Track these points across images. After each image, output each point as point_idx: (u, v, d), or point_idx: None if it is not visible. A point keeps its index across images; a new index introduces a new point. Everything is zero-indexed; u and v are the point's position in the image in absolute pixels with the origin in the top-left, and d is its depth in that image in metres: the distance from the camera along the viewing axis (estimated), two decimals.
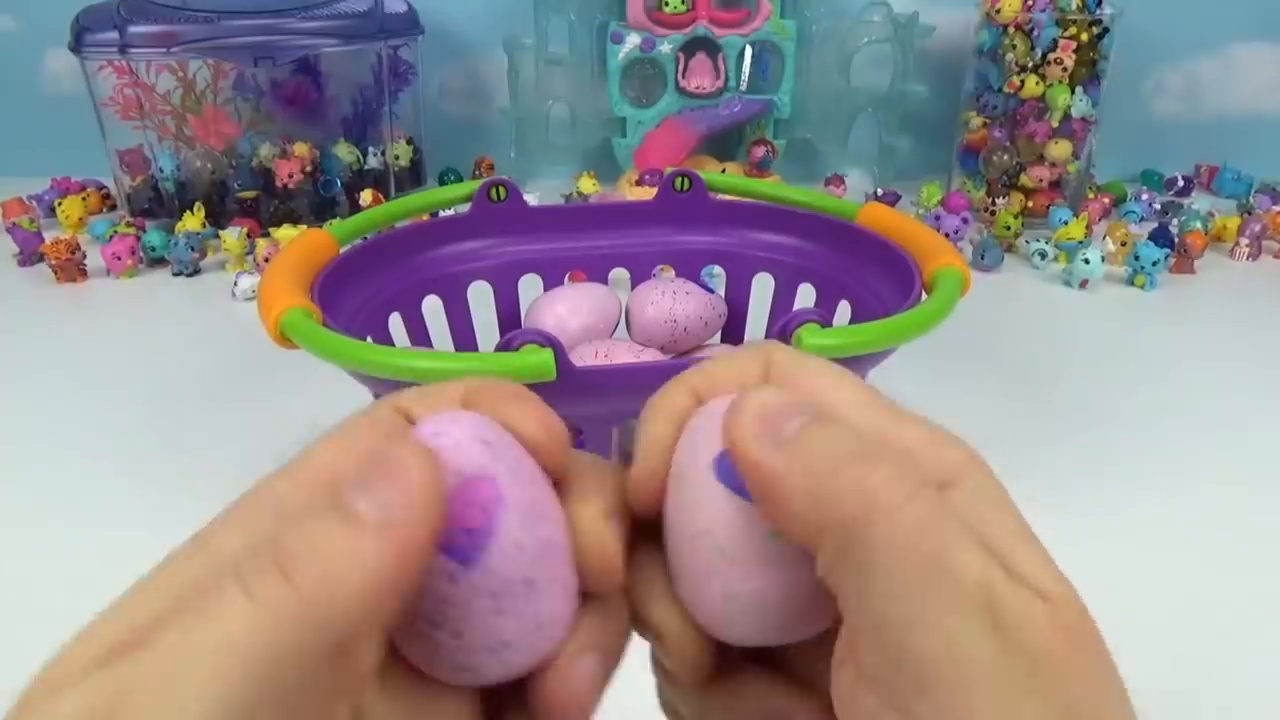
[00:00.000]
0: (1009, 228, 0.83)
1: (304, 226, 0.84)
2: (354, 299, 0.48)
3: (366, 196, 0.88)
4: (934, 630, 0.15)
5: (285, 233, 0.80)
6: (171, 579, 0.15)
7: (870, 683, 0.16)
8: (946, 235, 0.81)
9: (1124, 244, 0.80)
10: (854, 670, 0.16)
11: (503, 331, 0.56)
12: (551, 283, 0.57)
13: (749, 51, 0.95)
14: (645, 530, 0.20)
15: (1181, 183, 1.00)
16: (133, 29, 0.81)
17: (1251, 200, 0.95)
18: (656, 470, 0.19)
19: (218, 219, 0.87)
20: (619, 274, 0.58)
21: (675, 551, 0.19)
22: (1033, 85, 0.85)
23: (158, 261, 0.81)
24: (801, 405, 0.17)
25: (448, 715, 0.18)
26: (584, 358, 0.49)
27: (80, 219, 0.89)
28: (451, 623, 0.17)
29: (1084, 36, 0.84)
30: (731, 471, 0.18)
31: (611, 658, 0.19)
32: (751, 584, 0.18)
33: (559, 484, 0.19)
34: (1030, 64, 0.85)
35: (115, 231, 0.83)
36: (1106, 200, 0.93)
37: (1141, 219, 0.92)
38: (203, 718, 0.13)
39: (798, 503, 0.16)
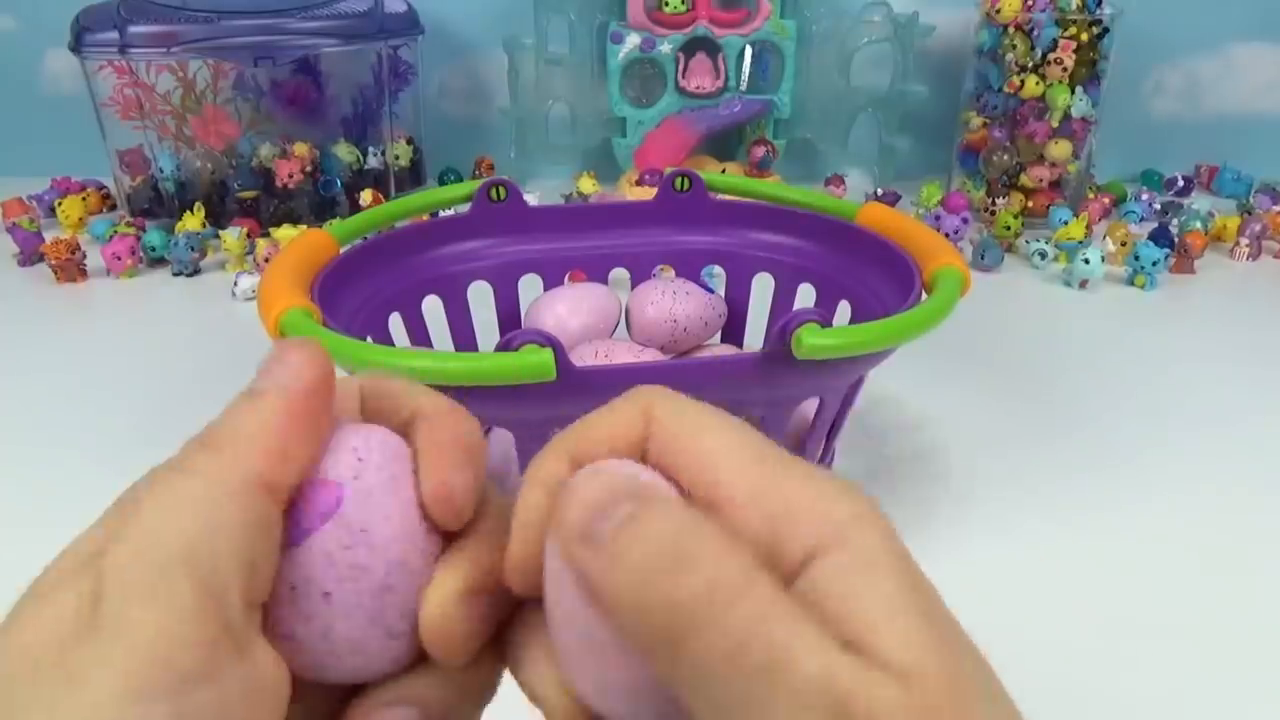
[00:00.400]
0: (1009, 228, 0.83)
1: (304, 226, 0.84)
2: (354, 299, 0.48)
3: (366, 196, 0.88)
4: None
5: (285, 233, 0.80)
6: (130, 493, 0.17)
7: None
8: (946, 235, 0.81)
9: (1124, 244, 0.80)
10: None
11: (503, 331, 0.56)
12: (551, 283, 0.57)
13: (749, 51, 0.95)
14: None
15: (1181, 183, 1.00)
16: (133, 29, 0.81)
17: (1251, 200, 0.95)
18: (531, 551, 0.18)
19: (218, 219, 0.87)
20: (619, 274, 0.58)
21: (553, 628, 0.18)
22: (1033, 85, 0.85)
23: (158, 261, 0.81)
24: (625, 495, 0.16)
25: (307, 694, 0.18)
26: (584, 358, 0.49)
27: (80, 219, 0.89)
28: (270, 601, 0.18)
29: (1084, 36, 0.84)
30: None
31: (431, 716, 0.18)
32: (621, 671, 0.17)
33: (452, 533, 0.19)
34: (1030, 64, 0.85)
35: (115, 231, 0.83)
36: (1106, 200, 0.93)
37: (1141, 219, 0.92)
38: (180, 566, 0.15)
39: (620, 613, 0.15)
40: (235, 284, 0.74)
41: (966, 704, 0.14)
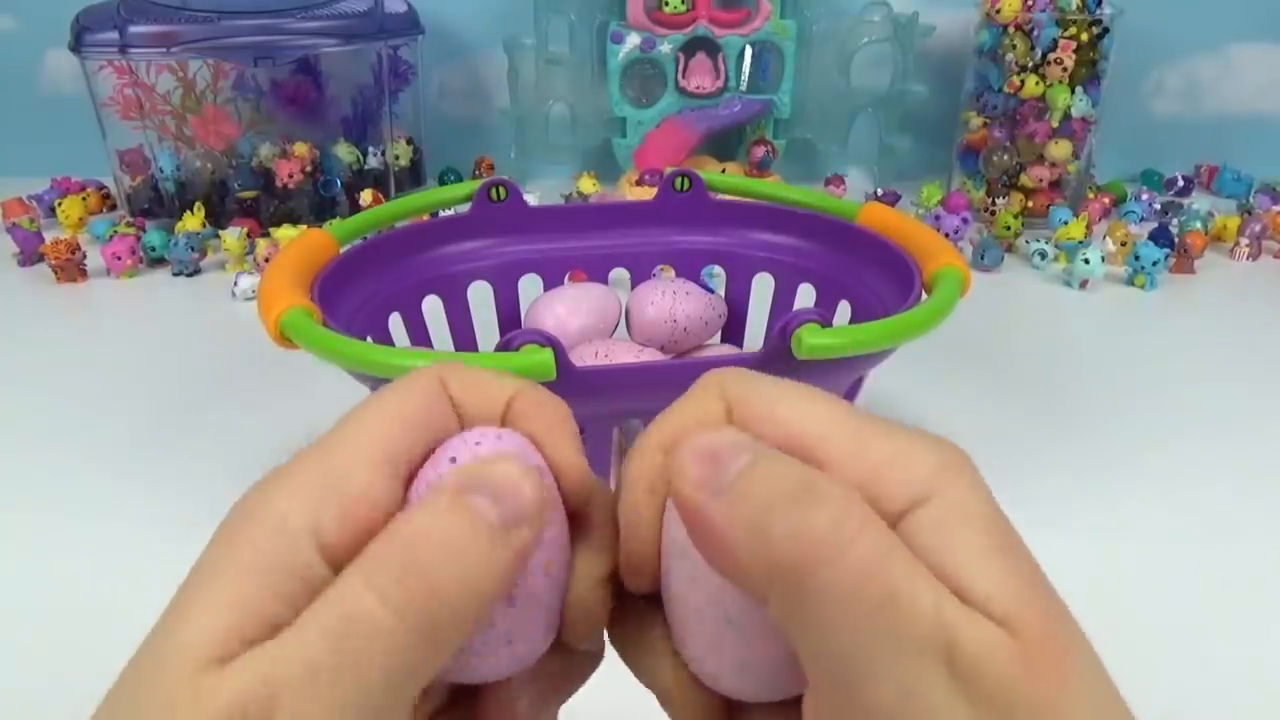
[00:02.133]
0: (1009, 228, 0.83)
1: (304, 226, 0.84)
2: (354, 299, 0.48)
3: (366, 196, 0.88)
4: (889, 680, 0.14)
5: (285, 233, 0.80)
6: (248, 557, 0.15)
7: None
8: (946, 235, 0.81)
9: (1124, 244, 0.80)
10: (814, 718, 0.16)
11: (503, 331, 0.56)
12: (551, 283, 0.57)
13: (749, 51, 0.95)
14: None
15: (1181, 183, 1.00)
16: (133, 29, 0.81)
17: (1251, 200, 0.95)
18: (645, 550, 0.19)
19: (218, 219, 0.87)
20: (619, 274, 0.58)
21: (680, 619, 0.19)
22: (1033, 85, 0.85)
23: (158, 261, 0.81)
24: (744, 444, 0.16)
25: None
26: (584, 358, 0.49)
27: (80, 219, 0.89)
28: None
29: (1084, 36, 0.84)
30: None
31: (561, 693, 0.19)
32: (759, 650, 0.18)
33: (575, 516, 0.19)
34: (1030, 64, 0.85)
35: (115, 231, 0.83)
36: (1106, 200, 0.93)
37: (1141, 219, 0.92)
38: (354, 711, 0.14)
39: (741, 555, 0.15)
40: (235, 284, 0.74)
41: (1063, 651, 0.15)
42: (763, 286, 0.57)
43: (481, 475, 0.16)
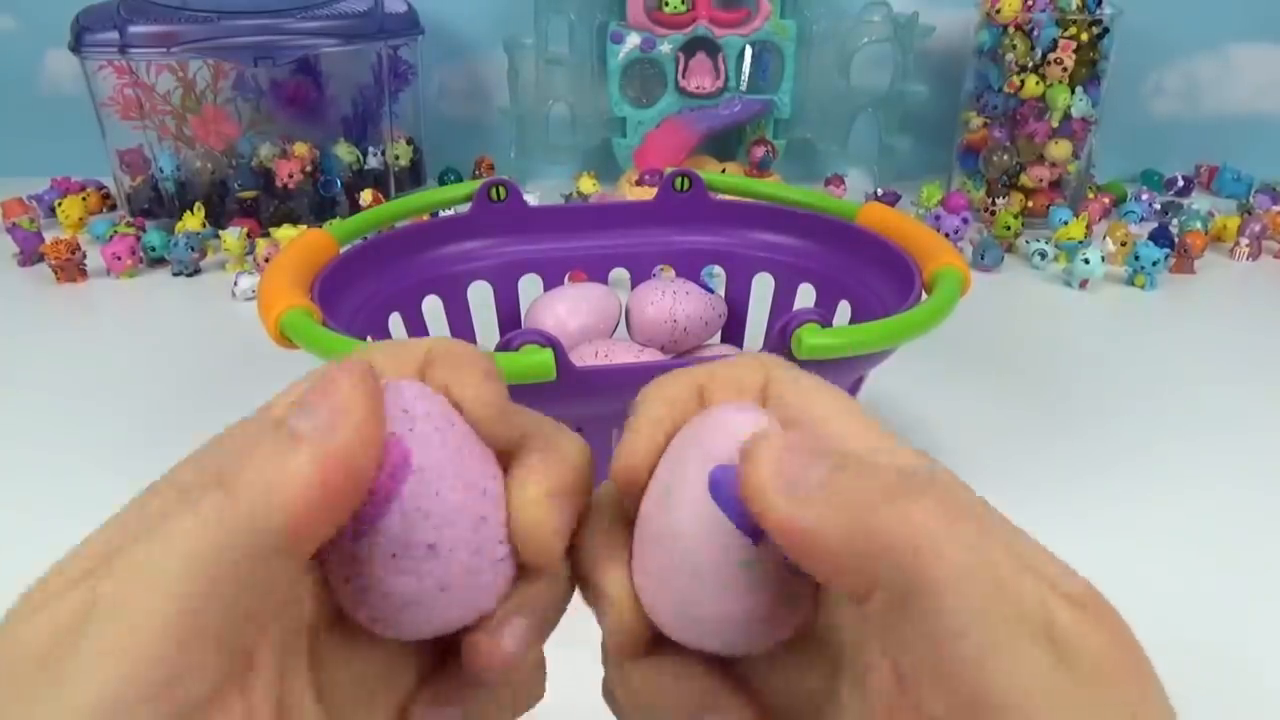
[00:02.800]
0: (1009, 228, 0.83)
1: (304, 226, 0.84)
2: (354, 299, 0.48)
3: (366, 196, 0.88)
4: (1007, 664, 0.14)
5: (285, 233, 0.80)
6: (136, 513, 0.16)
7: None
8: (946, 235, 0.81)
9: (1124, 244, 0.80)
10: None
11: (503, 331, 0.56)
12: (551, 283, 0.57)
13: (749, 51, 0.95)
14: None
15: (1181, 183, 1.00)
16: (133, 29, 0.81)
17: (1251, 200, 0.95)
18: (649, 454, 0.19)
19: (218, 219, 0.87)
20: (619, 274, 0.58)
21: (644, 547, 0.19)
22: (1033, 85, 0.85)
23: (158, 261, 0.81)
24: (818, 451, 0.17)
25: (394, 663, 0.19)
26: (584, 358, 0.49)
27: (80, 219, 0.89)
28: (358, 579, 0.18)
29: (1084, 36, 0.84)
30: (728, 495, 0.18)
31: (543, 622, 0.19)
32: (715, 607, 0.18)
33: (509, 454, 0.19)
34: (1030, 64, 0.85)
35: (115, 231, 0.83)
36: (1106, 200, 0.93)
37: (1141, 219, 0.92)
38: (162, 616, 0.14)
39: (843, 556, 0.16)
40: (235, 284, 0.74)
41: (1133, 635, 0.15)
42: (763, 286, 0.57)
43: (305, 390, 0.17)
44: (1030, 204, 0.90)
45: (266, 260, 0.77)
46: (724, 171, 0.94)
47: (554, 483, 0.19)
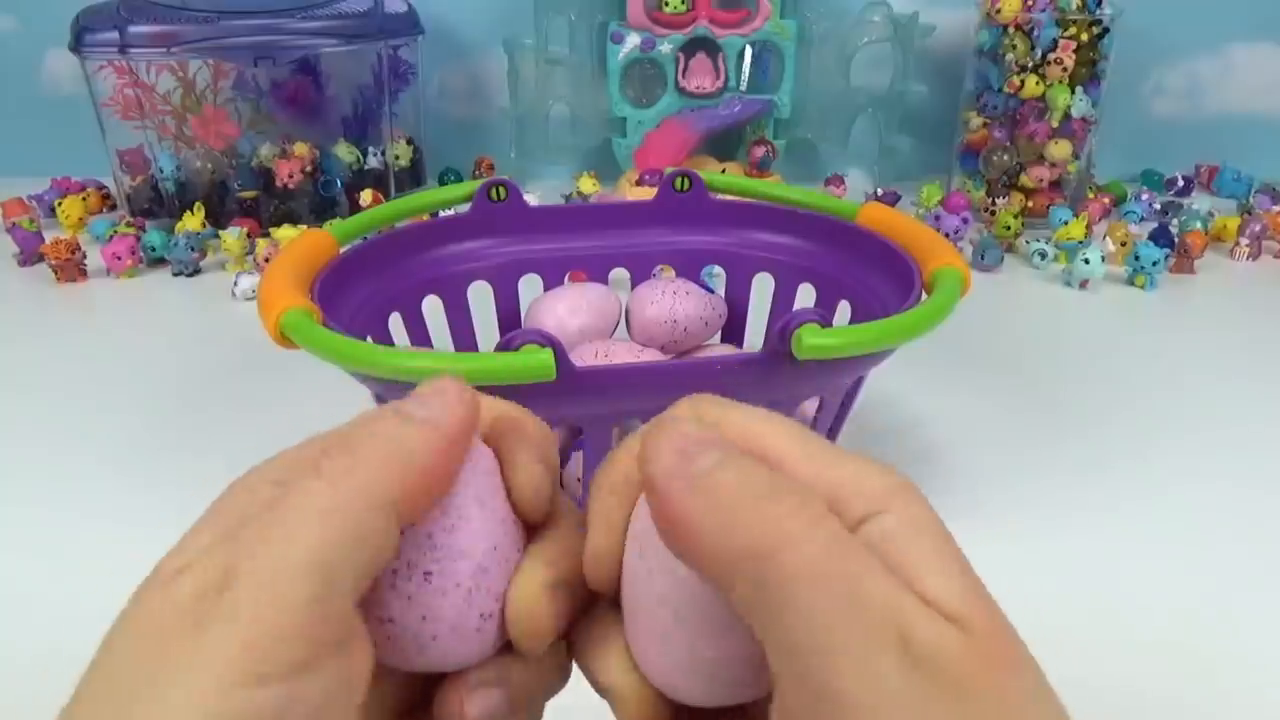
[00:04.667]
0: (1009, 228, 0.83)
1: (304, 226, 0.84)
2: (354, 299, 0.48)
3: (366, 196, 0.88)
4: (848, 663, 0.15)
5: (285, 233, 0.80)
6: (245, 495, 0.18)
7: None
8: (946, 235, 0.81)
9: (1124, 244, 0.80)
10: (780, 715, 0.16)
11: (503, 331, 0.56)
12: (551, 283, 0.57)
13: (749, 51, 0.95)
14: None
15: (1181, 183, 1.00)
16: (133, 29, 0.81)
17: (1251, 200, 0.95)
18: (610, 545, 0.20)
19: (218, 219, 0.87)
20: (619, 274, 0.58)
21: (633, 616, 0.19)
22: (1033, 85, 0.85)
23: (158, 261, 0.81)
24: (715, 442, 0.17)
25: (382, 690, 0.20)
26: (584, 358, 0.49)
27: (80, 219, 0.89)
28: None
29: (1084, 36, 0.84)
30: None
31: (518, 702, 0.20)
32: (708, 652, 0.18)
33: (535, 528, 0.21)
34: (1030, 64, 0.85)
35: (115, 231, 0.83)
36: (1106, 200, 0.93)
37: (1141, 219, 0.92)
38: (306, 570, 0.15)
39: (707, 542, 0.16)
40: (235, 284, 0.74)
41: (1012, 648, 0.15)
42: (763, 286, 0.57)
43: (417, 391, 0.19)
44: (1030, 204, 0.90)
45: (266, 260, 0.77)
46: (724, 171, 0.94)
47: (561, 574, 0.20)
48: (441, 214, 0.63)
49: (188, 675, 0.14)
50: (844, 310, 0.52)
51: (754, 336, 0.57)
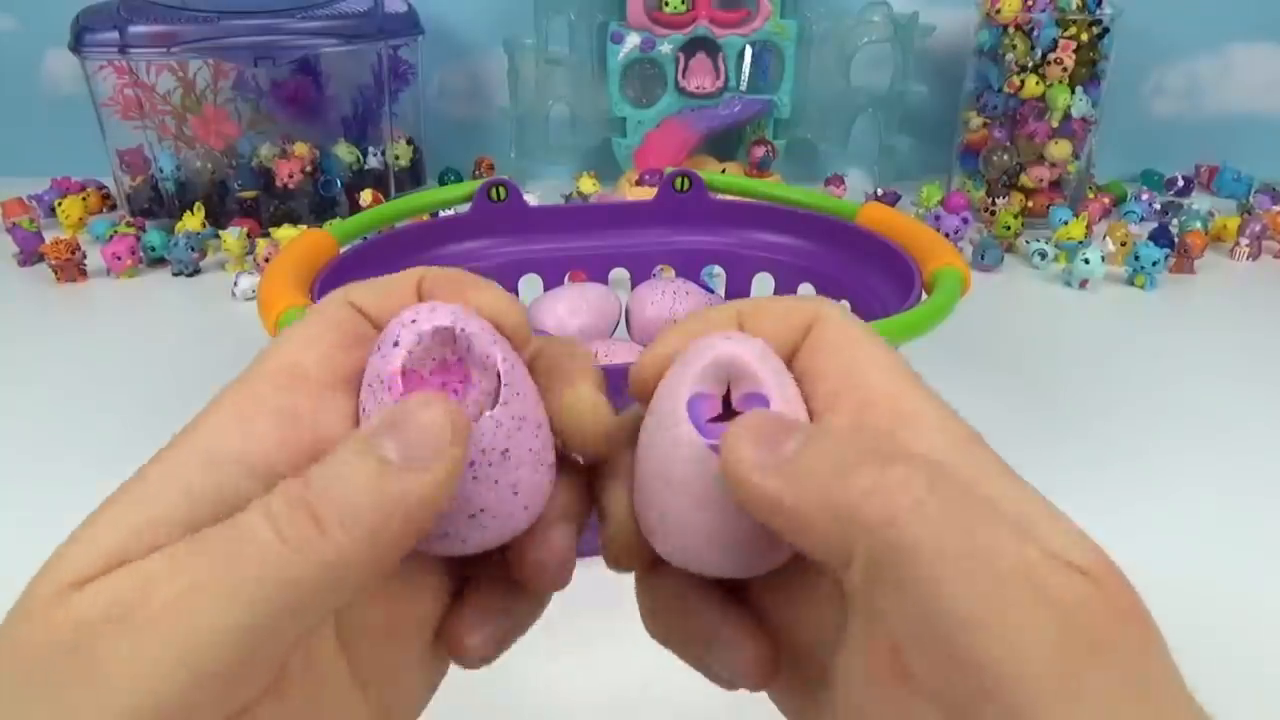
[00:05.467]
0: (1009, 228, 0.83)
1: (304, 226, 0.84)
2: None
3: (366, 196, 0.88)
4: (991, 625, 0.14)
5: (285, 233, 0.80)
6: (172, 482, 0.16)
7: (927, 695, 0.15)
8: (946, 235, 0.81)
9: (1124, 244, 0.80)
10: (903, 688, 0.16)
11: None
12: (551, 283, 0.57)
13: (749, 51, 0.95)
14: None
15: (1181, 183, 1.00)
16: (133, 29, 0.81)
17: (1251, 200, 0.95)
18: (657, 365, 0.20)
19: (218, 219, 0.87)
20: (619, 274, 0.58)
21: (637, 464, 0.20)
22: (1033, 85, 0.85)
23: (158, 261, 0.81)
24: (793, 423, 0.17)
25: (414, 597, 0.19)
26: None
27: (80, 219, 0.89)
28: None
29: (1084, 36, 0.84)
30: (703, 418, 0.19)
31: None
32: (691, 520, 0.18)
33: (529, 362, 0.20)
34: (1030, 64, 0.85)
35: (115, 231, 0.83)
36: (1106, 200, 0.93)
37: (1141, 219, 0.92)
38: (216, 633, 0.14)
39: (818, 525, 0.16)
40: (235, 284, 0.74)
41: (1141, 605, 0.15)
42: (763, 286, 0.57)
43: (394, 416, 0.16)
44: (1030, 204, 0.90)
45: (266, 260, 0.77)
46: (724, 171, 0.94)
47: (596, 380, 0.20)
48: (441, 214, 0.63)
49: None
50: None
51: None
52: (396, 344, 0.18)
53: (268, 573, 0.14)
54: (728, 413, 0.19)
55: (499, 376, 0.18)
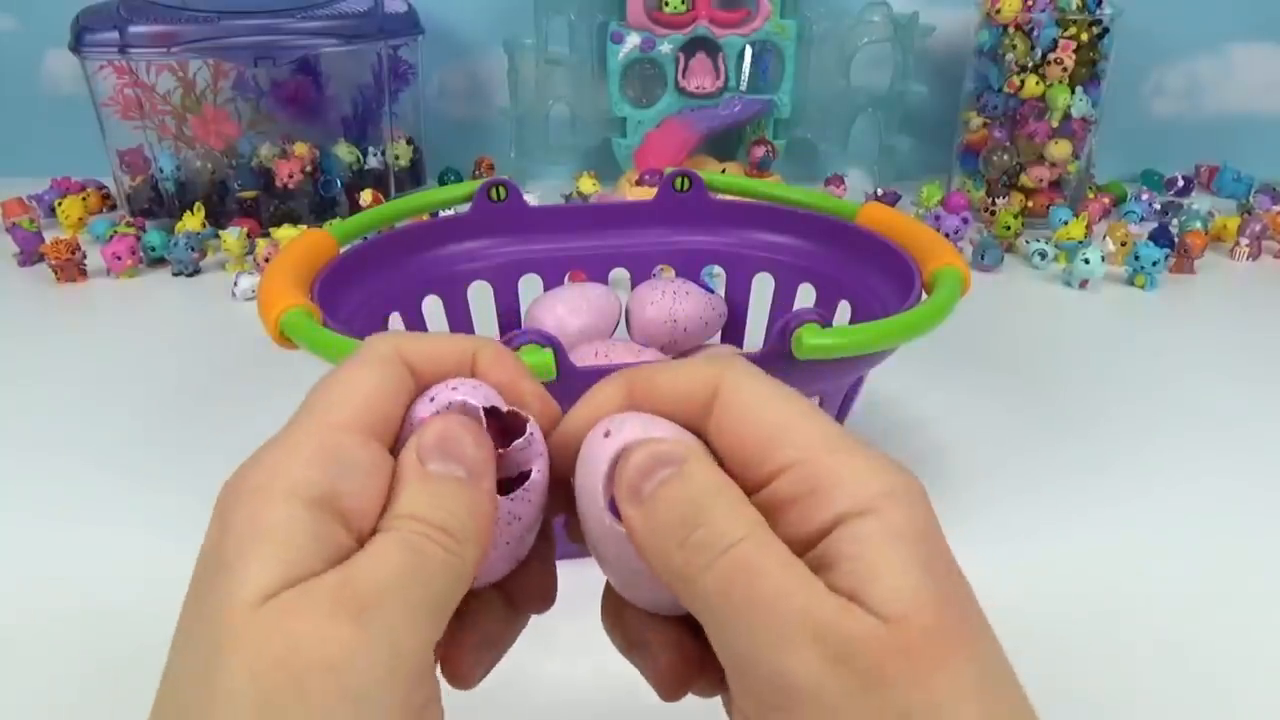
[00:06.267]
0: (1009, 228, 0.83)
1: (304, 226, 0.84)
2: (354, 299, 0.48)
3: (366, 196, 0.88)
4: (766, 664, 0.17)
5: (285, 233, 0.80)
6: (270, 528, 0.18)
7: (740, 714, 0.18)
8: (946, 235, 0.81)
9: (1124, 244, 0.80)
10: (732, 704, 0.19)
11: (503, 331, 0.56)
12: (551, 283, 0.57)
13: (749, 51, 0.95)
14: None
15: (1181, 183, 1.00)
16: (133, 29, 0.81)
17: (1251, 200, 0.95)
18: (568, 444, 0.22)
19: (218, 219, 0.87)
20: (619, 274, 0.58)
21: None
22: (1033, 85, 0.85)
23: (158, 261, 0.81)
24: (667, 458, 0.19)
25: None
26: (584, 358, 0.49)
27: (80, 219, 0.89)
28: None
29: (1084, 36, 0.84)
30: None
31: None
32: (631, 591, 0.21)
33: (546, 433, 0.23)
34: (1030, 64, 0.85)
35: (115, 231, 0.83)
36: (1106, 200, 0.93)
37: (1141, 219, 0.92)
38: (426, 612, 0.18)
39: (649, 558, 0.19)
40: (235, 284, 0.74)
41: (948, 642, 0.16)
42: (763, 286, 0.57)
43: (440, 439, 0.19)
44: (1030, 204, 0.90)
45: (266, 260, 0.77)
46: (724, 171, 0.94)
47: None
48: (441, 214, 0.63)
49: None
50: (844, 310, 0.52)
51: (754, 336, 0.57)
52: (432, 399, 0.21)
53: (437, 565, 0.18)
54: None
55: (522, 475, 0.21)
